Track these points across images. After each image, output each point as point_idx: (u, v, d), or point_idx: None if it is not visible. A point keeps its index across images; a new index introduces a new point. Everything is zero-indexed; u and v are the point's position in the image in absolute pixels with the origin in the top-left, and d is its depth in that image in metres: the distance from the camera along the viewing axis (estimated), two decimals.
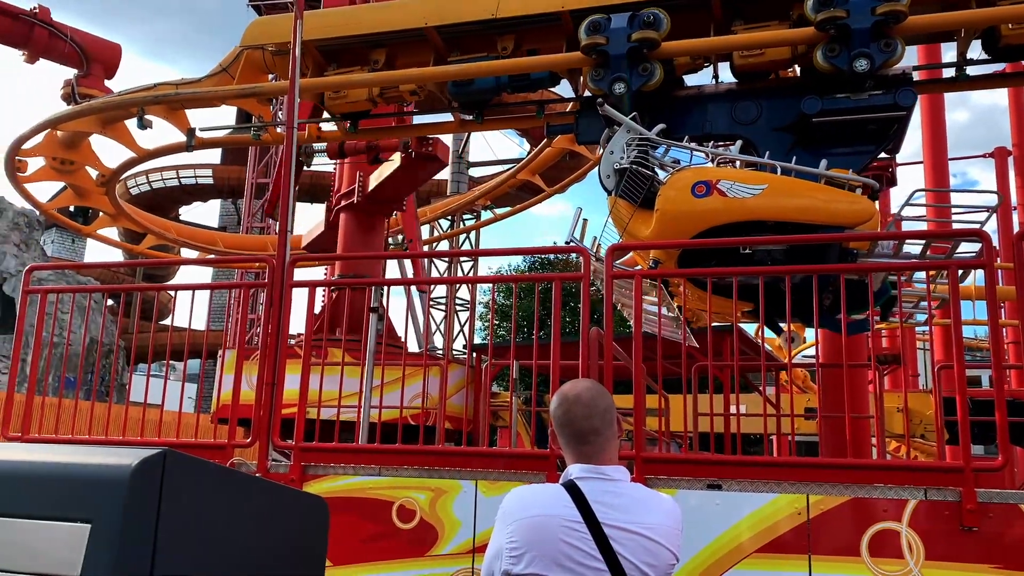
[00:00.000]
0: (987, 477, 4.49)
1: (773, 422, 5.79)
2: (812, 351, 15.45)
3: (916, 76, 6.47)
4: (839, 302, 5.20)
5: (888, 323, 6.55)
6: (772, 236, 5.79)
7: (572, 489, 2.27)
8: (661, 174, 6.08)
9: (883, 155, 6.92)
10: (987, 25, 6.41)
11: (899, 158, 18.85)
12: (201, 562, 2.07)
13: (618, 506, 2.24)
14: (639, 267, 6.64)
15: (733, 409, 5.55)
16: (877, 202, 6.24)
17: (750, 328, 14.15)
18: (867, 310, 5.55)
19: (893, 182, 17.15)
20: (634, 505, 2.27)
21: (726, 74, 6.99)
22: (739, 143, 6.45)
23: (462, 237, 28.95)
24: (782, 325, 5.80)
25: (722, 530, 4.39)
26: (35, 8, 10.78)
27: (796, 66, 6.78)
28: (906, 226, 6.41)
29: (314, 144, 9.10)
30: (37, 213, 24.70)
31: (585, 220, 6.72)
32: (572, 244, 6.68)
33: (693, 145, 6.30)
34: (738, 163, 6.41)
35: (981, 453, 9.09)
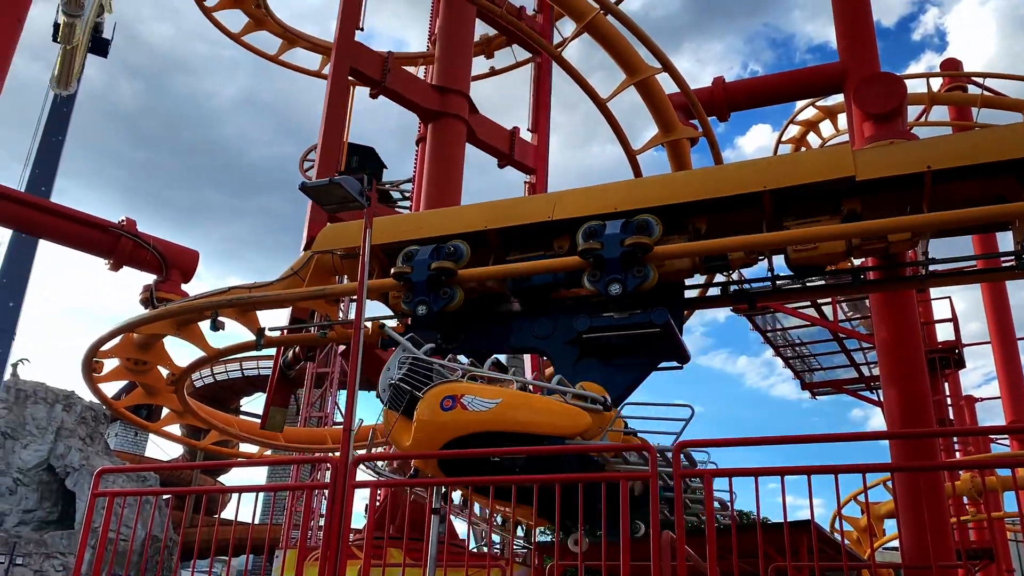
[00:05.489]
0: None
1: None
2: (896, 543, 14.54)
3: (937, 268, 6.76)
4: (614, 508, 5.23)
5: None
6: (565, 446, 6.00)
7: None
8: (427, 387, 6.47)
9: (674, 364, 7.23)
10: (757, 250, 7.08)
11: (966, 338, 18.61)
12: None
13: None
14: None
15: None
16: (617, 411, 6.56)
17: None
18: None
19: (961, 364, 16.82)
20: None
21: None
22: (491, 359, 6.79)
23: None
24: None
25: None
26: (123, 220, 11.60)
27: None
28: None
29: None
30: (104, 407, 25.36)
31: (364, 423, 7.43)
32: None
33: (441, 363, 6.71)
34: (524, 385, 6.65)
35: None
